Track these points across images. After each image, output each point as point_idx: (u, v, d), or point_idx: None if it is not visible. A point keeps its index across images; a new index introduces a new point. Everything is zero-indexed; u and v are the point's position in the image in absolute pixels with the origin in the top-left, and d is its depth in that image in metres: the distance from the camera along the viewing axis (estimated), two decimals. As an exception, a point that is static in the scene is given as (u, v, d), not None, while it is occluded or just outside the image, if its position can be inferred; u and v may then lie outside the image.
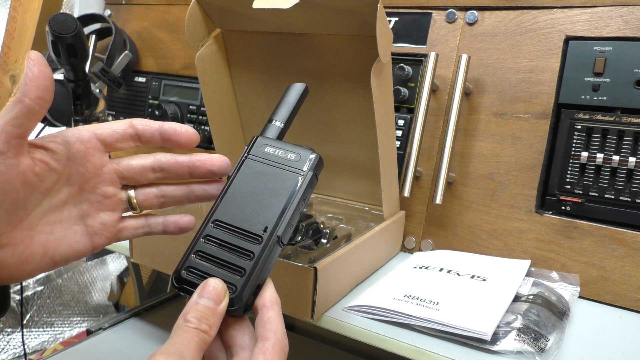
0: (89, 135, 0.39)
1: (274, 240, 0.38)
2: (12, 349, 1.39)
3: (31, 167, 0.36)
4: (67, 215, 0.39)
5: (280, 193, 0.40)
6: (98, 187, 0.40)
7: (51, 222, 0.38)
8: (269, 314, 0.37)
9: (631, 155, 0.61)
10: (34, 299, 1.46)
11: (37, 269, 0.38)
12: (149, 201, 0.43)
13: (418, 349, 0.49)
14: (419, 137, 0.70)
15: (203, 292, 0.35)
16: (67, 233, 0.39)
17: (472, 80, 0.71)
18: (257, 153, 0.43)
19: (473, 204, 0.70)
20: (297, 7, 0.56)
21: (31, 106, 0.34)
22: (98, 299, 1.62)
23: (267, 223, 0.39)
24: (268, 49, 0.72)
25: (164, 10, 1.02)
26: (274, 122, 0.46)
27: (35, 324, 1.47)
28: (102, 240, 0.41)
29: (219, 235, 0.39)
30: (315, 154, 0.43)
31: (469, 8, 0.72)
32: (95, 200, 0.40)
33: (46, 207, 0.38)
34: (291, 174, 0.41)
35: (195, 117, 0.95)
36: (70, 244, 0.39)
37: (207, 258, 0.38)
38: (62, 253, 0.39)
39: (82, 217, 0.40)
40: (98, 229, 0.40)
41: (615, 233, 0.61)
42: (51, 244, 0.38)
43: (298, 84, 0.48)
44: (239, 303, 0.36)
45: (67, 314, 1.55)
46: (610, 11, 0.64)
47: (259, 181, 0.41)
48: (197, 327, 0.34)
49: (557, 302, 0.56)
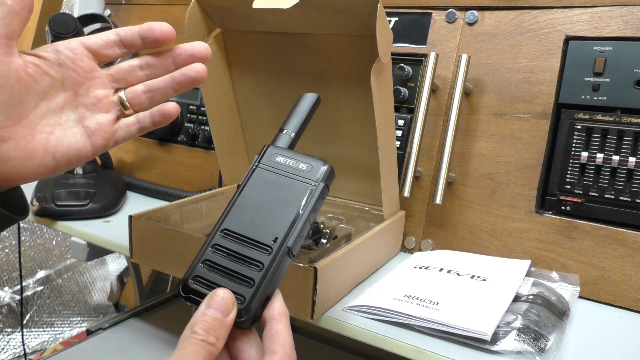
0: (76, 43, 0.42)
1: (284, 251, 0.38)
2: (12, 349, 1.39)
3: (23, 67, 0.39)
4: (65, 119, 0.42)
5: (291, 203, 0.40)
6: (91, 91, 0.43)
7: (51, 123, 0.41)
8: (277, 327, 0.36)
9: (631, 155, 0.61)
10: (34, 299, 1.46)
11: (42, 167, 0.40)
12: (138, 98, 0.45)
13: (418, 349, 0.49)
14: (419, 137, 0.70)
15: (211, 303, 0.35)
16: (67, 133, 0.42)
17: (472, 80, 0.71)
18: (268, 162, 0.42)
19: (473, 204, 0.70)
20: (297, 7, 0.56)
21: (12, 7, 0.37)
22: (98, 299, 1.62)
23: (278, 233, 0.38)
24: (268, 49, 0.72)
25: (164, 10, 1.02)
26: (285, 131, 0.45)
27: (35, 324, 1.47)
28: (100, 140, 0.43)
29: (228, 244, 0.38)
30: (327, 165, 0.42)
31: (469, 8, 0.72)
32: (90, 104, 0.43)
33: (45, 109, 0.41)
34: (302, 185, 0.41)
35: (195, 117, 0.95)
36: (71, 143, 0.42)
37: (215, 268, 0.38)
38: (63, 151, 0.41)
39: (80, 120, 0.43)
40: (95, 129, 0.43)
41: (615, 233, 0.61)
42: (52, 142, 0.41)
43: (310, 93, 0.48)
44: (247, 314, 0.36)
45: (67, 314, 1.55)
46: (610, 11, 0.64)
47: (269, 191, 0.41)
48: (204, 339, 0.33)
49: (557, 302, 0.56)
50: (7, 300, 1.40)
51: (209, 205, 0.75)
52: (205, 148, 0.94)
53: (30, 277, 1.45)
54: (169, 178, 0.97)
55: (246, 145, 0.83)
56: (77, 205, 0.81)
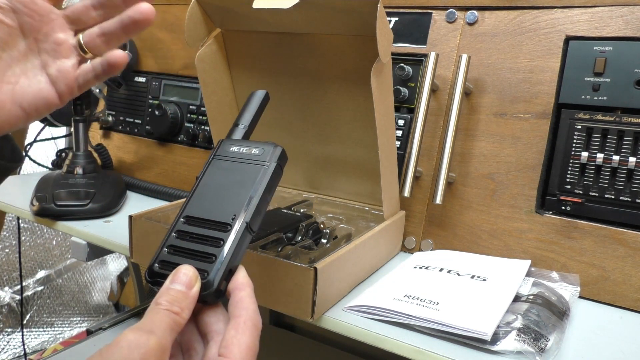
0: None
1: (242, 226, 0.40)
2: (12, 349, 1.39)
3: None
4: (29, 66, 0.42)
5: (247, 184, 0.43)
6: (50, 35, 0.43)
7: (16, 73, 0.41)
8: (241, 294, 0.38)
9: (631, 155, 0.61)
10: (34, 299, 1.46)
11: (12, 117, 0.41)
12: (94, 42, 0.44)
13: (418, 349, 0.49)
14: (419, 137, 0.70)
15: (175, 278, 0.36)
16: (32, 82, 0.42)
17: (472, 80, 0.71)
18: (223, 153, 0.46)
19: (473, 204, 0.70)
20: (297, 7, 0.56)
21: None
22: (98, 299, 1.62)
23: (235, 212, 0.41)
24: (268, 49, 0.72)
25: (164, 10, 1.02)
26: (239, 125, 0.49)
27: (35, 324, 1.47)
28: (64, 87, 0.43)
29: (190, 229, 0.41)
30: (278, 147, 0.45)
31: (469, 8, 0.72)
32: (51, 49, 0.43)
33: (7, 60, 0.41)
34: (256, 166, 0.44)
35: (195, 117, 0.95)
36: (36, 93, 0.42)
37: (179, 251, 0.40)
38: (30, 101, 0.42)
39: (43, 66, 0.43)
40: (58, 76, 0.43)
41: (616, 233, 0.61)
42: (18, 92, 0.41)
43: (260, 90, 0.52)
44: (211, 287, 0.37)
45: (67, 314, 1.55)
46: (610, 11, 0.64)
47: (226, 177, 0.44)
48: (168, 309, 0.34)
49: (557, 302, 0.56)
50: (7, 300, 1.40)
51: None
52: (205, 148, 0.94)
53: (31, 277, 1.46)
54: (169, 178, 0.97)
55: (246, 145, 0.83)
56: (77, 205, 0.81)
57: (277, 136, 0.78)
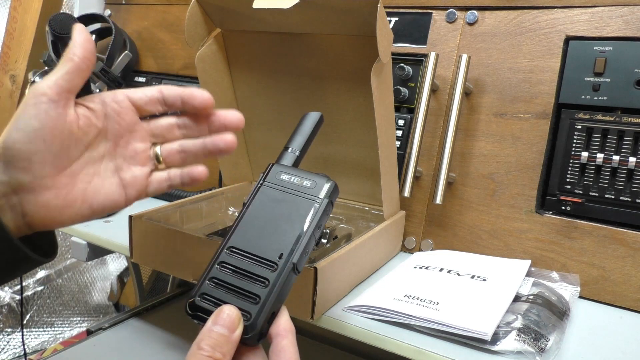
0: (122, 96, 0.44)
1: (289, 267, 0.38)
2: (12, 349, 1.39)
3: (76, 120, 0.40)
4: (104, 168, 0.43)
5: (296, 220, 0.40)
6: (130, 143, 0.45)
7: (90, 173, 0.42)
8: (283, 343, 0.37)
9: (631, 155, 0.61)
10: (34, 299, 1.46)
11: (78, 215, 0.42)
12: (172, 156, 0.46)
13: (418, 349, 0.49)
14: (419, 137, 0.70)
15: (217, 320, 0.35)
16: (104, 184, 0.43)
17: (472, 80, 0.71)
18: (273, 180, 0.43)
19: (473, 204, 0.70)
20: (297, 7, 0.56)
21: (79, 64, 0.39)
22: (98, 299, 1.62)
23: (283, 250, 0.39)
24: (268, 49, 0.72)
25: (164, 10, 1.02)
26: (290, 150, 0.46)
27: (35, 324, 1.47)
28: (134, 192, 0.45)
29: (234, 262, 0.39)
30: (331, 181, 0.43)
31: (469, 8, 0.72)
32: (128, 155, 0.45)
33: (87, 159, 0.42)
34: (307, 201, 0.41)
35: (195, 117, 0.95)
36: (107, 194, 0.43)
37: (222, 285, 0.38)
38: (99, 201, 0.43)
39: (117, 170, 0.44)
40: (130, 181, 0.44)
41: (616, 233, 0.61)
42: (90, 192, 0.42)
43: (314, 112, 0.49)
44: (253, 331, 0.36)
45: (67, 314, 1.55)
46: (610, 11, 0.64)
47: (274, 208, 0.41)
48: (210, 356, 0.34)
49: (557, 302, 0.56)
50: (7, 300, 1.40)
51: (209, 205, 0.75)
52: (205, 148, 0.94)
53: (31, 277, 1.46)
54: (169, 178, 0.97)
55: (246, 145, 0.83)
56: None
57: (277, 136, 0.78)
